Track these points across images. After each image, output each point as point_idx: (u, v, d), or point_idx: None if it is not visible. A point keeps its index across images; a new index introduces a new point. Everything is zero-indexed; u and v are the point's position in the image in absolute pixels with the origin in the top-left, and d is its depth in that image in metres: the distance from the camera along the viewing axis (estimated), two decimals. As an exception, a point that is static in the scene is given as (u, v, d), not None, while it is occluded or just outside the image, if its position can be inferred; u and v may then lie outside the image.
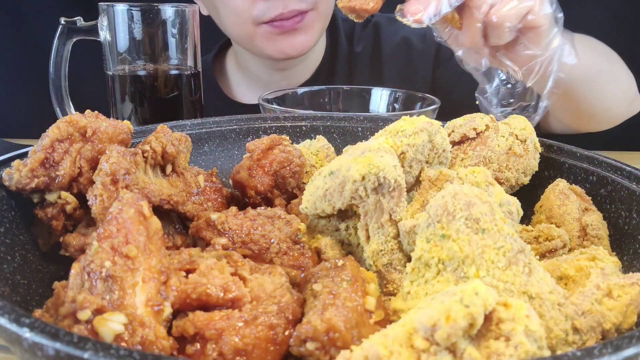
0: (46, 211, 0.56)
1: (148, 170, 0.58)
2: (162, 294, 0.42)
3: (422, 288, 0.44)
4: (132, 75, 0.99)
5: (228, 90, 1.48)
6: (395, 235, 0.49)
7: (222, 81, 1.49)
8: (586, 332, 0.41)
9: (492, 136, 0.66)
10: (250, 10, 1.15)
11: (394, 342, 0.35)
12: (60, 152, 0.55)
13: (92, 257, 0.41)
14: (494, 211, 0.43)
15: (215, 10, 1.24)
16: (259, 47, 1.24)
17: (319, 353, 0.40)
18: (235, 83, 1.50)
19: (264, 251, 0.53)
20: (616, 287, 0.43)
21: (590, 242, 0.58)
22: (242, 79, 1.48)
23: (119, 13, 0.96)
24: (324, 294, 0.44)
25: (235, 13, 1.18)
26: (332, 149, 0.76)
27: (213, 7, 1.23)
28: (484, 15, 0.73)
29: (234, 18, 1.19)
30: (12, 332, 0.34)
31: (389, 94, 1.21)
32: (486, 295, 0.35)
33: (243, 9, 1.16)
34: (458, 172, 0.55)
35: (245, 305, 0.43)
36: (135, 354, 0.31)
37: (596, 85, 1.03)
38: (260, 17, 1.16)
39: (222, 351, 0.40)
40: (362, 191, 0.48)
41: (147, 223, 0.44)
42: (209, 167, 0.76)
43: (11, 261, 0.53)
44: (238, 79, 1.49)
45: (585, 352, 0.32)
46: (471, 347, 0.34)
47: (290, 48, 1.23)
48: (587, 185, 0.65)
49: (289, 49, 1.23)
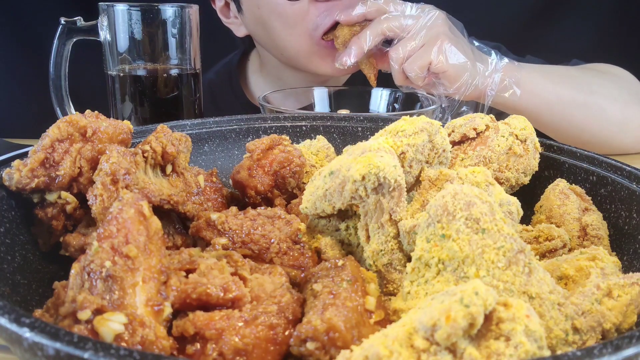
0: (46, 211, 0.56)
1: (148, 170, 0.58)
2: (162, 294, 0.42)
3: (422, 288, 0.44)
4: (132, 75, 0.99)
5: (249, 94, 1.44)
6: (395, 235, 0.49)
7: (242, 84, 1.45)
8: (586, 332, 0.41)
9: (492, 136, 0.66)
10: (306, 19, 1.11)
11: (394, 342, 0.35)
12: (60, 152, 0.55)
13: (92, 257, 0.41)
14: (494, 211, 0.43)
15: (263, 27, 1.17)
16: (314, 65, 1.19)
17: (319, 353, 0.40)
18: (257, 87, 1.44)
19: (264, 251, 0.53)
20: (616, 287, 0.43)
21: (590, 242, 0.58)
22: (266, 84, 1.42)
23: (119, 13, 0.96)
24: (324, 293, 0.44)
25: (290, 24, 1.12)
26: (332, 149, 0.76)
27: (261, 23, 1.17)
28: (399, 66, 1.02)
29: (289, 32, 1.14)
30: (12, 332, 0.34)
31: (389, 94, 1.21)
32: (486, 295, 0.35)
33: (298, 17, 1.11)
34: (458, 172, 0.55)
35: (245, 305, 0.43)
36: (135, 353, 0.31)
37: (562, 113, 1.06)
38: (320, 24, 1.11)
39: (222, 351, 0.40)
40: (362, 191, 0.48)
41: (147, 223, 0.44)
42: (209, 167, 0.76)
43: (11, 261, 0.53)
44: (261, 83, 1.44)
45: (585, 352, 0.32)
46: (471, 347, 0.34)
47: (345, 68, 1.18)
48: (587, 185, 0.65)
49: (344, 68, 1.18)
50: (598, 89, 1.10)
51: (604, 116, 1.08)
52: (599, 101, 1.08)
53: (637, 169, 0.61)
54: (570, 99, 1.06)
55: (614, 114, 1.08)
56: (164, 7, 0.97)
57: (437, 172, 0.55)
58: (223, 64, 1.50)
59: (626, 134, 1.10)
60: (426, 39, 1.00)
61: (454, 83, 1.00)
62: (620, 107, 1.09)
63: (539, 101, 1.05)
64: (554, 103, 1.06)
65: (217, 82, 1.43)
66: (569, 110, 1.06)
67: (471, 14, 1.13)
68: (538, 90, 1.04)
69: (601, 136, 1.09)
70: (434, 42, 0.99)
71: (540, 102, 1.05)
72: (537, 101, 1.04)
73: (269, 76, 1.42)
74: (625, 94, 1.12)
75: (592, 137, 1.09)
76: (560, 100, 1.06)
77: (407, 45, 1.00)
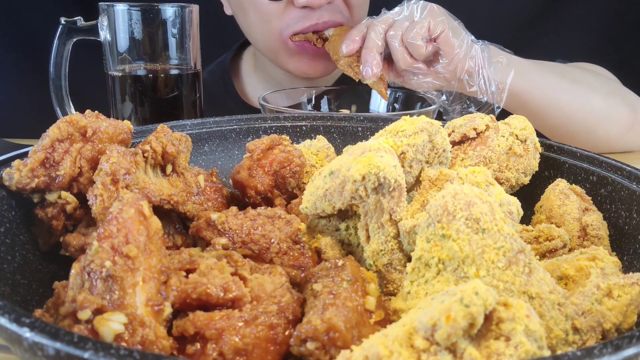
0: (46, 211, 0.56)
1: (148, 170, 0.58)
2: (162, 294, 0.42)
3: (422, 288, 0.44)
4: (132, 75, 0.99)
5: (242, 93, 1.46)
6: (395, 235, 0.49)
7: (236, 84, 1.47)
8: (586, 332, 0.41)
9: (493, 136, 0.66)
10: (282, 18, 1.14)
11: (394, 342, 0.35)
12: (60, 152, 0.55)
13: (92, 257, 0.41)
14: (494, 211, 0.43)
15: (243, 14, 1.22)
16: (281, 62, 1.22)
17: (319, 353, 0.40)
18: (251, 85, 1.47)
19: (264, 251, 0.53)
20: (616, 287, 0.43)
21: (590, 242, 0.58)
22: (259, 82, 1.46)
23: (119, 13, 0.96)
24: (324, 293, 0.44)
25: (265, 19, 1.16)
26: (332, 149, 0.76)
27: (241, 9, 1.21)
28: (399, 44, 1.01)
29: (262, 26, 1.17)
30: (13, 332, 0.34)
31: (389, 94, 1.20)
32: (486, 295, 0.35)
33: (274, 15, 1.14)
34: (458, 172, 0.55)
35: (245, 305, 0.43)
36: (135, 353, 0.31)
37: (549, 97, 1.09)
38: (292, 25, 1.14)
39: (222, 351, 0.40)
40: (362, 191, 0.48)
41: (147, 223, 0.44)
42: (209, 167, 0.76)
43: (11, 261, 0.53)
44: (254, 82, 1.47)
45: (585, 352, 0.32)
46: (471, 347, 0.34)
47: (312, 69, 1.22)
48: (587, 185, 0.65)
49: (311, 70, 1.22)
50: (581, 79, 1.14)
51: (588, 104, 1.10)
52: (583, 89, 1.11)
53: (637, 169, 0.61)
54: (556, 83, 1.09)
55: (597, 102, 1.11)
56: (164, 7, 0.97)
57: (437, 172, 0.55)
58: (216, 63, 1.52)
59: (611, 124, 1.12)
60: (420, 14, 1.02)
61: (452, 48, 1.01)
62: (602, 97, 1.12)
63: (527, 82, 1.07)
64: (542, 85, 1.08)
65: (210, 81, 1.44)
66: (556, 95, 1.09)
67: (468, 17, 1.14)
68: (527, 72, 1.07)
69: (586, 125, 1.11)
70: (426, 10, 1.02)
71: (528, 84, 1.07)
72: (526, 82, 1.07)
73: (262, 74, 1.44)
74: (605, 87, 1.16)
75: (578, 125, 1.11)
76: (547, 83, 1.09)
77: (403, 22, 1.02)
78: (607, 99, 1.12)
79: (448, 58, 1.02)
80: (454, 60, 1.02)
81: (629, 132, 1.14)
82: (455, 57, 1.02)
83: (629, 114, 1.13)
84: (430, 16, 1.00)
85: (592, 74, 1.20)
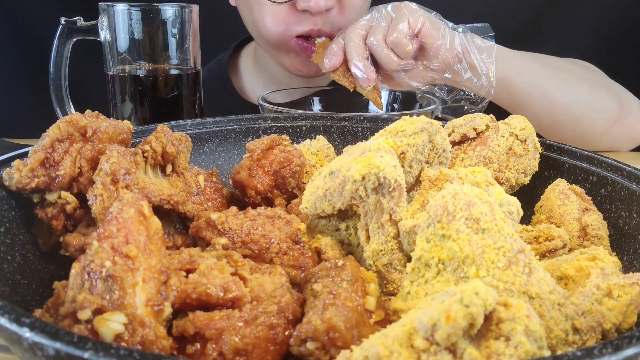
0: (46, 211, 0.56)
1: (148, 170, 0.58)
2: (162, 294, 0.42)
3: (422, 288, 0.44)
4: (132, 75, 0.99)
5: (242, 91, 1.47)
6: (395, 235, 0.49)
7: (235, 81, 1.48)
8: (586, 332, 0.41)
9: (492, 136, 0.66)
10: (284, 19, 1.15)
11: (394, 342, 0.35)
12: (60, 152, 0.55)
13: (92, 257, 0.41)
14: (494, 211, 0.43)
15: (247, 9, 1.22)
16: (279, 57, 1.24)
17: (319, 353, 0.40)
18: (250, 83, 1.48)
19: (264, 251, 0.53)
20: (616, 287, 0.43)
21: (590, 242, 0.58)
22: (258, 80, 1.46)
23: (119, 13, 0.96)
24: (324, 293, 0.44)
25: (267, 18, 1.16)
26: (332, 149, 0.76)
27: (246, 5, 1.21)
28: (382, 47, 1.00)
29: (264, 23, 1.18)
30: (12, 332, 0.34)
31: (389, 94, 1.20)
32: (486, 295, 0.35)
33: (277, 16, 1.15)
34: (458, 172, 0.55)
35: (245, 305, 0.43)
36: (135, 353, 0.31)
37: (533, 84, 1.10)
38: (293, 27, 1.15)
39: (222, 351, 0.40)
40: (362, 191, 0.48)
41: (147, 223, 0.44)
42: (209, 167, 0.76)
43: (11, 261, 0.53)
44: (253, 80, 1.48)
45: (585, 352, 0.32)
46: (471, 347, 0.34)
47: (307, 68, 1.23)
48: (587, 185, 0.65)
49: (305, 69, 1.23)
50: (565, 68, 1.15)
51: (573, 92, 1.11)
52: (567, 77, 1.12)
53: (637, 169, 0.61)
54: (539, 70, 1.10)
55: (582, 90, 1.12)
56: (164, 7, 0.97)
57: (437, 172, 0.55)
58: (215, 61, 1.53)
59: (597, 114, 1.12)
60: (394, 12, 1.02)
61: (436, 40, 1.00)
62: (588, 86, 1.13)
63: (511, 69, 1.07)
64: (524, 73, 1.09)
65: (209, 79, 1.45)
66: (539, 82, 1.10)
67: (468, 17, 1.14)
68: (507, 58, 1.08)
69: (572, 114, 1.11)
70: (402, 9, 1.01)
71: (511, 70, 1.08)
72: (509, 68, 1.07)
73: (262, 72, 1.45)
74: (591, 77, 1.16)
75: (564, 114, 1.11)
76: (530, 70, 1.10)
77: (380, 25, 1.01)
78: (593, 90, 1.13)
79: (434, 50, 1.02)
80: (441, 51, 1.01)
81: (616, 124, 1.14)
82: (442, 48, 1.01)
83: (615, 106, 1.14)
84: (408, 13, 1.00)
85: (576, 64, 1.20)
